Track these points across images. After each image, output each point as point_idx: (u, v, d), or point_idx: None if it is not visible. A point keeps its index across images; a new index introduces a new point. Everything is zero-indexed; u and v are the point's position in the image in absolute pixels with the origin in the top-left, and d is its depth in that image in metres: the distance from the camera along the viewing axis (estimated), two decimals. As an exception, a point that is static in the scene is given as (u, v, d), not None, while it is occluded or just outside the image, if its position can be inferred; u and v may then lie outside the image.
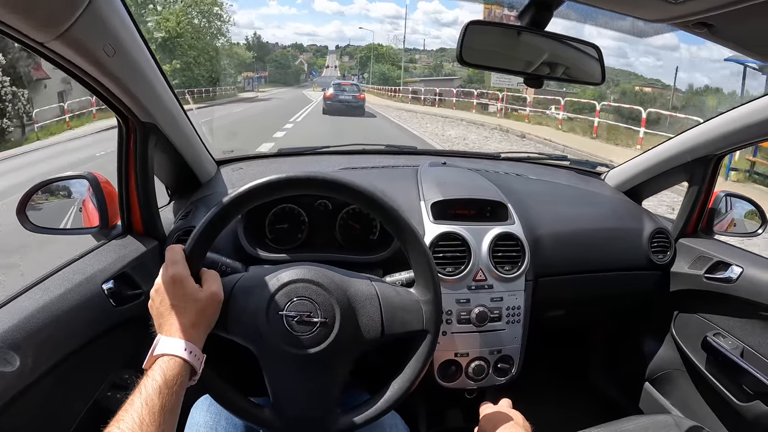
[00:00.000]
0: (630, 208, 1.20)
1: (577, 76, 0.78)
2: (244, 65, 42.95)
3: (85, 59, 0.62)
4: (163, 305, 0.57)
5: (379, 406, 0.63)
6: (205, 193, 1.03)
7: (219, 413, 0.74)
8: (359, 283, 0.64)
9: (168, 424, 0.48)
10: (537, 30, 0.68)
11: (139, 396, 0.49)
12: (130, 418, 0.46)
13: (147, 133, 0.81)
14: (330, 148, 1.34)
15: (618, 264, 1.11)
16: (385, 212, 0.65)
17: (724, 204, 1.17)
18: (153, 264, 0.86)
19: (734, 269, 1.01)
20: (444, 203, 0.97)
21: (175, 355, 0.53)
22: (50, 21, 0.53)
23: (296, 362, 0.61)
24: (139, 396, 0.49)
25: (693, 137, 1.04)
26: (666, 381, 1.20)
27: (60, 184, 0.97)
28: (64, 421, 0.72)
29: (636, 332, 1.28)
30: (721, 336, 1.03)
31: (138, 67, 0.71)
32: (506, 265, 0.94)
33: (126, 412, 0.47)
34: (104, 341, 0.75)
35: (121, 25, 0.64)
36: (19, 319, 0.63)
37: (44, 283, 0.72)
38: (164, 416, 0.48)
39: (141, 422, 0.46)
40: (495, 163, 1.35)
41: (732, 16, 0.49)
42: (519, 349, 0.95)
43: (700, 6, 0.50)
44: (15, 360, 0.60)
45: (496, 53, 0.71)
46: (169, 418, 0.49)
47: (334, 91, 14.59)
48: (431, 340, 0.64)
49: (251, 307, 0.61)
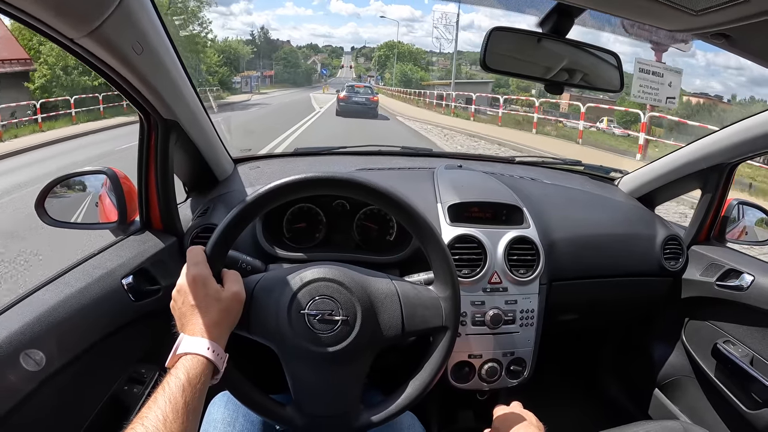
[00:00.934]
0: (643, 215, 1.21)
1: (596, 82, 0.79)
2: (241, 62, 35.68)
3: (114, 56, 0.63)
4: (185, 305, 0.58)
5: (399, 403, 0.64)
6: (222, 191, 1.04)
7: (236, 410, 0.75)
8: (379, 282, 0.65)
9: (191, 422, 0.49)
10: (558, 37, 0.69)
11: (163, 394, 0.49)
12: (154, 415, 0.47)
13: (168, 129, 0.82)
14: (346, 149, 1.35)
15: (630, 270, 1.11)
16: (404, 211, 0.66)
17: (737, 212, 1.17)
18: (171, 260, 0.87)
19: (745, 277, 1.01)
20: (460, 206, 0.97)
21: (199, 354, 0.54)
22: (82, 18, 0.54)
23: (317, 360, 0.61)
24: (163, 394, 0.49)
25: (708, 145, 1.04)
26: (675, 387, 1.20)
27: (78, 179, 0.99)
28: (81, 414, 0.73)
29: (646, 338, 1.28)
30: (731, 343, 1.03)
31: (163, 64, 0.72)
32: (521, 269, 0.94)
33: (150, 410, 0.48)
34: (122, 335, 0.76)
35: (150, 24, 0.65)
36: (40, 312, 0.64)
37: (65, 277, 0.73)
38: (187, 414, 0.49)
39: (165, 419, 0.47)
40: (510, 167, 1.36)
41: (751, 28, 0.50)
42: (532, 351, 0.95)
43: (720, 18, 0.50)
44: (37, 357, 0.61)
45: (518, 59, 0.72)
46: (192, 416, 0.50)
47: (348, 93, 14.66)
48: (451, 336, 0.65)
49: (273, 307, 0.62)
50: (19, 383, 0.59)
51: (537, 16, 0.70)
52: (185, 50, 18.27)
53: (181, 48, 0.78)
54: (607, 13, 0.60)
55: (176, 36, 16.83)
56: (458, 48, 30.18)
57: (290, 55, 57.78)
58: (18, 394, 0.59)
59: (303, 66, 61.37)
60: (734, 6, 0.45)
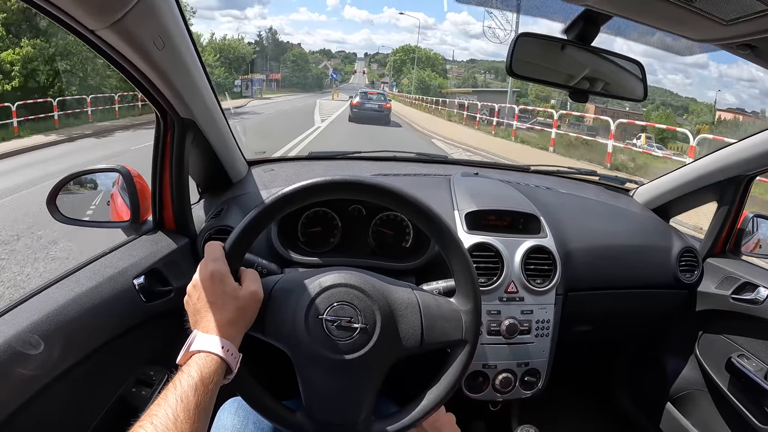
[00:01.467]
0: (659, 226, 1.20)
1: (618, 91, 0.78)
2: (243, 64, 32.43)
3: (134, 50, 0.61)
4: (200, 301, 0.57)
5: (414, 415, 0.62)
6: (236, 193, 1.03)
7: (247, 416, 0.73)
8: (400, 291, 0.64)
9: (201, 423, 0.47)
10: (583, 44, 0.69)
11: (174, 392, 0.47)
12: (164, 414, 0.45)
13: (185, 129, 0.81)
14: (361, 154, 1.35)
15: (646, 281, 1.10)
16: (431, 221, 0.65)
17: (752, 225, 1.16)
18: (183, 261, 0.86)
19: (761, 291, 1.00)
20: (477, 213, 0.97)
21: (212, 353, 0.52)
22: (105, 8, 0.53)
23: (332, 367, 0.60)
24: (174, 392, 0.47)
25: (725, 157, 1.04)
26: (688, 401, 1.18)
27: (90, 176, 0.98)
28: (89, 414, 0.72)
29: (660, 350, 1.27)
30: (745, 357, 1.02)
31: (183, 62, 0.71)
32: (537, 278, 0.93)
33: (160, 408, 0.46)
34: (132, 336, 0.75)
35: (172, 19, 0.64)
36: (50, 310, 0.63)
37: (76, 275, 0.72)
38: (198, 414, 0.47)
39: (175, 419, 0.45)
40: (525, 176, 1.35)
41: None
42: (546, 362, 0.94)
43: (748, 29, 0.50)
44: (45, 355, 0.60)
45: (542, 66, 0.71)
46: (203, 416, 0.48)
47: (361, 100, 14.58)
48: (470, 350, 0.64)
49: (290, 310, 0.61)
50: (26, 382, 0.58)
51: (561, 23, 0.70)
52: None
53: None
54: (635, 21, 0.60)
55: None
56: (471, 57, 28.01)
57: (300, 58, 53.77)
58: (25, 393, 0.57)
59: (313, 70, 57.33)
60: (763, 17, 0.45)
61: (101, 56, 0.63)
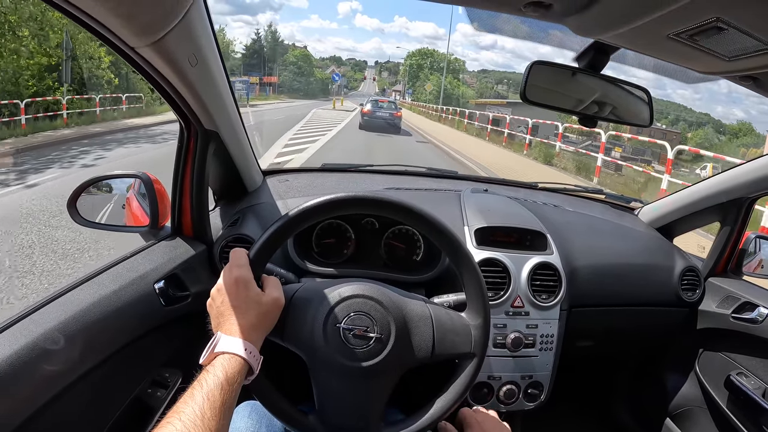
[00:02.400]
0: (662, 245, 1.22)
1: (625, 116, 0.81)
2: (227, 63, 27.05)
3: (170, 67, 0.64)
4: (224, 305, 0.59)
5: (421, 423, 0.64)
6: (252, 202, 1.06)
7: (260, 420, 0.75)
8: (415, 304, 0.67)
9: (226, 421, 0.49)
10: (593, 72, 0.72)
11: (200, 390, 0.49)
12: (191, 410, 0.46)
13: (208, 139, 0.84)
14: (373, 167, 1.37)
15: (648, 299, 1.12)
16: (446, 239, 0.68)
17: (754, 245, 1.18)
18: (201, 267, 0.89)
19: (761, 310, 1.02)
20: (486, 230, 0.99)
21: (236, 354, 0.55)
22: (148, 28, 0.56)
23: (347, 374, 0.62)
24: (200, 390, 0.49)
25: (729, 179, 1.06)
26: (687, 417, 1.20)
27: (109, 181, 1.01)
28: (105, 414, 0.74)
29: (660, 367, 1.28)
30: (744, 375, 1.04)
31: (213, 77, 0.74)
32: (543, 294, 0.96)
33: (187, 405, 0.47)
34: (150, 339, 0.77)
35: (206, 37, 0.67)
36: (75, 311, 0.65)
37: (98, 278, 0.75)
38: (224, 412, 0.48)
39: (203, 416, 0.46)
40: (533, 193, 1.38)
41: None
42: (549, 376, 0.96)
43: (750, 64, 0.53)
44: (69, 355, 0.62)
45: (553, 91, 0.74)
46: (228, 414, 0.50)
47: (372, 108, 14.37)
48: (477, 363, 0.67)
49: (309, 317, 0.64)
50: (51, 380, 0.60)
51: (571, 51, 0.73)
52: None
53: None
54: (643, 53, 0.63)
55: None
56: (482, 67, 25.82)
57: (302, 60, 46.35)
58: (50, 391, 0.59)
59: (318, 75, 48.88)
60: (764, 54, 0.47)
61: (137, 71, 0.66)
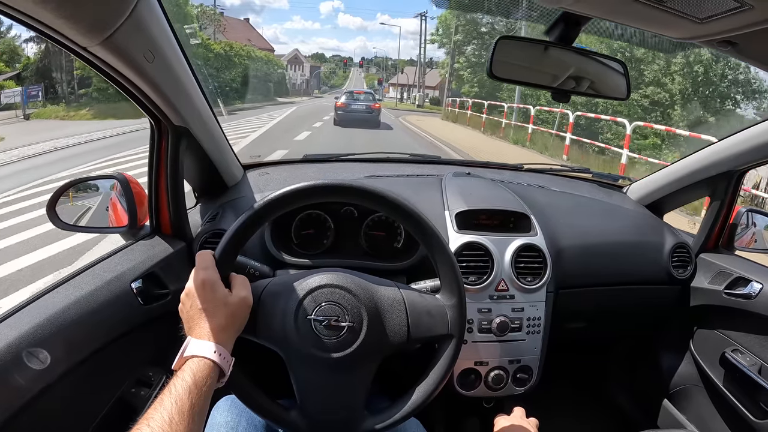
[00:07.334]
0: (651, 222, 1.20)
1: (602, 90, 0.79)
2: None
3: (126, 64, 0.64)
4: (193, 309, 0.59)
5: (404, 410, 0.64)
6: (232, 197, 1.05)
7: (240, 414, 0.75)
8: (386, 289, 0.66)
9: (196, 424, 0.50)
10: (564, 45, 0.70)
11: (169, 395, 0.50)
12: (160, 416, 0.47)
13: (179, 136, 0.83)
14: (355, 156, 1.36)
15: (638, 278, 1.10)
16: (411, 219, 0.67)
17: (746, 219, 1.16)
18: (180, 265, 0.88)
19: (754, 285, 1.00)
20: (468, 213, 0.98)
21: (205, 357, 0.55)
22: (95, 26, 0.55)
23: (323, 365, 0.62)
24: (169, 395, 0.50)
25: (716, 152, 1.04)
26: (683, 396, 1.19)
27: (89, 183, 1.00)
28: (89, 415, 0.74)
29: (654, 347, 1.27)
30: (739, 352, 1.02)
31: (174, 72, 0.73)
32: (528, 276, 0.94)
33: (156, 411, 0.48)
34: (131, 338, 0.77)
35: (161, 32, 0.66)
36: (49, 315, 0.65)
37: (75, 280, 0.74)
38: (193, 416, 0.49)
39: (170, 421, 0.47)
40: (518, 175, 1.35)
41: (757, 35, 0.50)
42: (538, 359, 0.95)
43: (725, 26, 0.50)
44: (46, 358, 0.62)
45: (524, 68, 0.72)
46: (198, 418, 0.50)
47: (346, 101, 13.12)
48: (456, 344, 0.66)
49: (279, 312, 0.63)
50: (27, 383, 0.60)
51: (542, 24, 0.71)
52: None
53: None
54: (613, 21, 0.61)
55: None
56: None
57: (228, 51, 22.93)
58: (26, 394, 0.59)
59: (261, 70, 26.38)
60: (738, 13, 0.45)
61: (95, 70, 0.65)
